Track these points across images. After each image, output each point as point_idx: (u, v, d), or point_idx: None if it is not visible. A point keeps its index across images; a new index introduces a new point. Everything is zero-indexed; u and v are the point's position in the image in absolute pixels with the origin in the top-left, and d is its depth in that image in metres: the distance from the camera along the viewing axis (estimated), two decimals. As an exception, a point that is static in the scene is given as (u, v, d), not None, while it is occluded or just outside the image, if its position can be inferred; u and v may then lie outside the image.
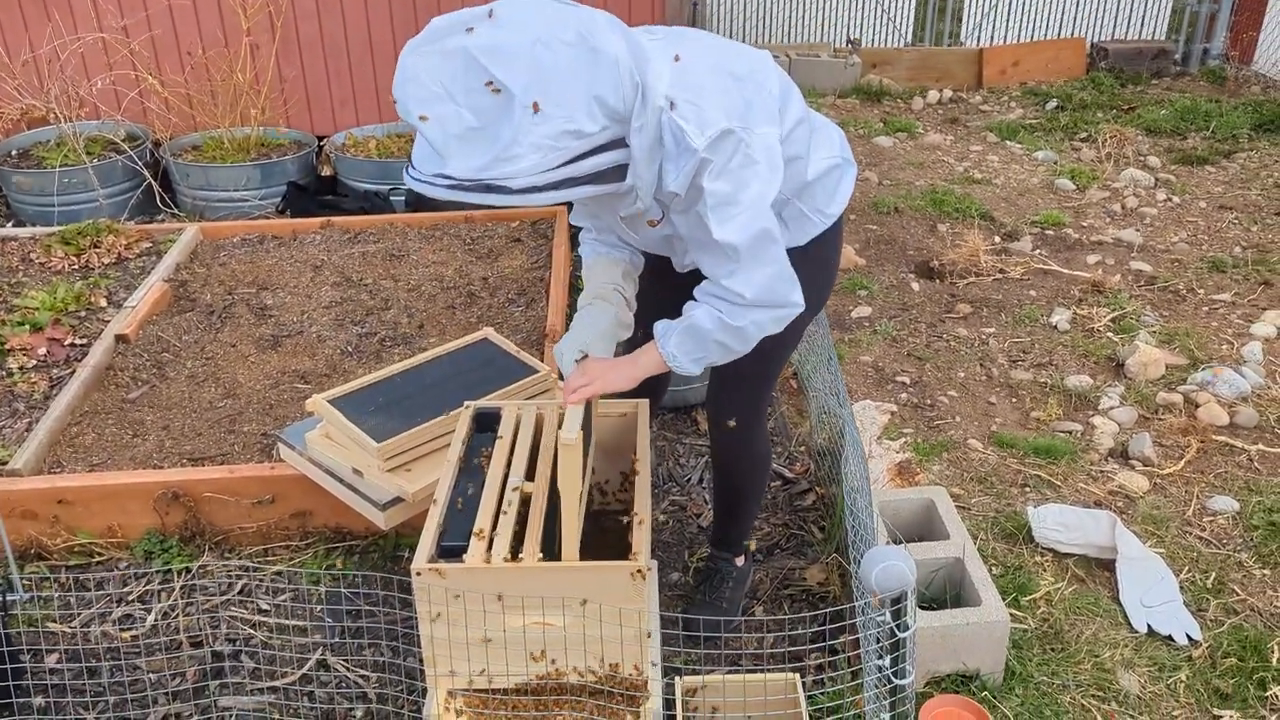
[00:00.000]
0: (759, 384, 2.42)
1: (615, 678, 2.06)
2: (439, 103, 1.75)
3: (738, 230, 1.91)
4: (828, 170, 2.18)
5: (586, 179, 1.82)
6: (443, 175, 1.78)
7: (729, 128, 1.86)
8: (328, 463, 2.70)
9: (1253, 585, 2.79)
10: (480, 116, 1.74)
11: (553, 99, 1.72)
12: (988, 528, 2.99)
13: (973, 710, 2.31)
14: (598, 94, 1.76)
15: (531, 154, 1.73)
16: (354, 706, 2.42)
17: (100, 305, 3.98)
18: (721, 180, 1.89)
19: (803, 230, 2.20)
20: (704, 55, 1.95)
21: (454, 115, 1.74)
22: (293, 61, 5.58)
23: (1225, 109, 6.68)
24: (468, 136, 1.75)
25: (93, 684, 2.46)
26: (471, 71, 1.73)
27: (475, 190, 1.77)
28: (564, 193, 1.81)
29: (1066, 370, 3.82)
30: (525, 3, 1.80)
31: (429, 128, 1.76)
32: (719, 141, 1.86)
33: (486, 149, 1.74)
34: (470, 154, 1.75)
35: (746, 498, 2.62)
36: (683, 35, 2.00)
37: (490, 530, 2.06)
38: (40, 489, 2.86)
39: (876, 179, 5.72)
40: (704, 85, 1.89)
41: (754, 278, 1.96)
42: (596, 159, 1.81)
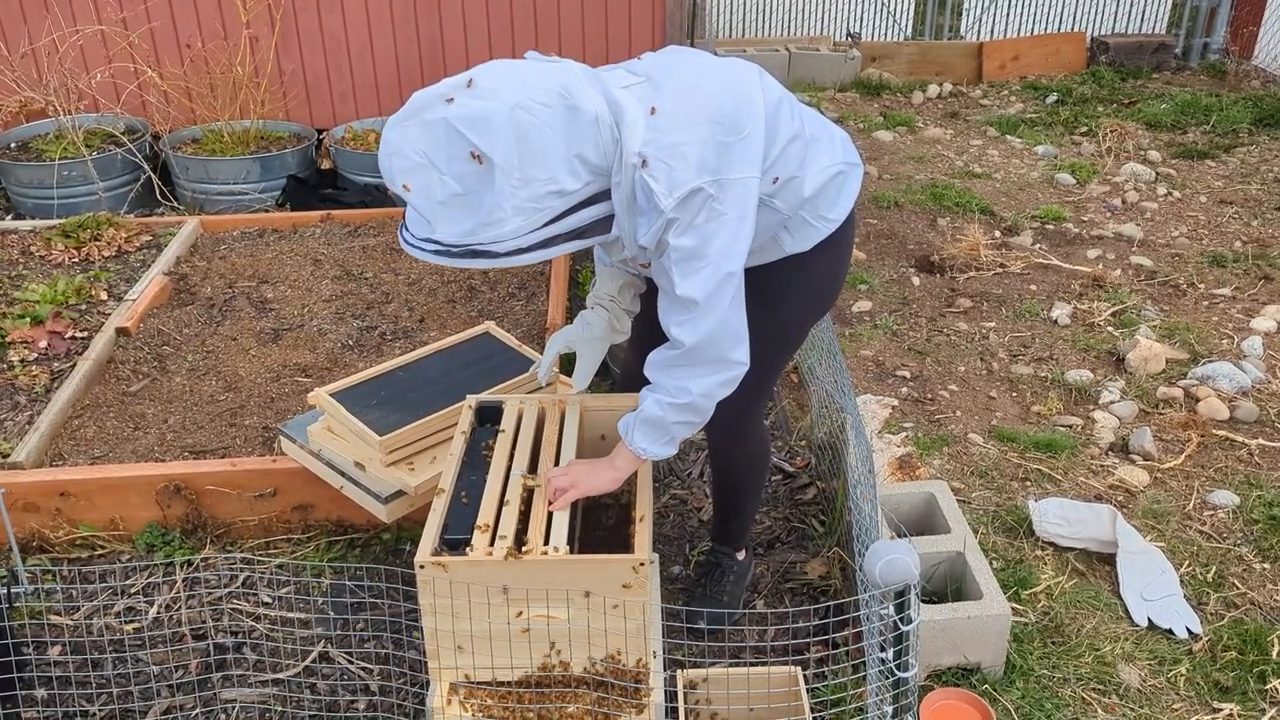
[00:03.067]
0: (755, 385, 2.40)
1: (618, 670, 2.07)
2: (422, 173, 1.80)
3: (700, 285, 1.93)
4: (830, 179, 2.16)
5: (571, 235, 1.88)
6: (431, 240, 1.84)
7: (697, 186, 1.87)
8: (329, 456, 2.70)
9: (1253, 579, 2.80)
10: (464, 183, 1.79)
11: (534, 162, 1.78)
12: (988, 522, 3.00)
13: (973, 703, 2.32)
14: (579, 152, 1.81)
15: (515, 217, 1.79)
16: (356, 699, 2.42)
17: (101, 298, 3.98)
18: (687, 236, 1.90)
19: (807, 237, 2.19)
20: (680, 103, 1.92)
21: (438, 184, 1.80)
22: (292, 54, 5.57)
23: (1225, 103, 6.69)
24: (452, 203, 1.80)
25: (95, 676, 2.47)
26: (454, 142, 1.78)
27: (462, 255, 1.83)
28: (551, 250, 1.86)
29: (1067, 365, 3.82)
30: (503, 68, 1.85)
31: (413, 197, 1.82)
32: (686, 200, 1.87)
33: (471, 215, 1.80)
34: (456, 220, 1.81)
35: (744, 495, 2.62)
36: (662, 74, 1.97)
37: (493, 523, 2.07)
38: (42, 481, 2.86)
39: (876, 173, 5.71)
40: (677, 141, 1.88)
41: (700, 327, 1.97)
42: (581, 214, 1.87)
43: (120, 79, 5.37)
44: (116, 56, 5.40)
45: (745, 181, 1.93)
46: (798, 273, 2.23)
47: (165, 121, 5.44)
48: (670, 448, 2.12)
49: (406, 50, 5.58)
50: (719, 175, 1.90)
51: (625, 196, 1.89)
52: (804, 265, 2.22)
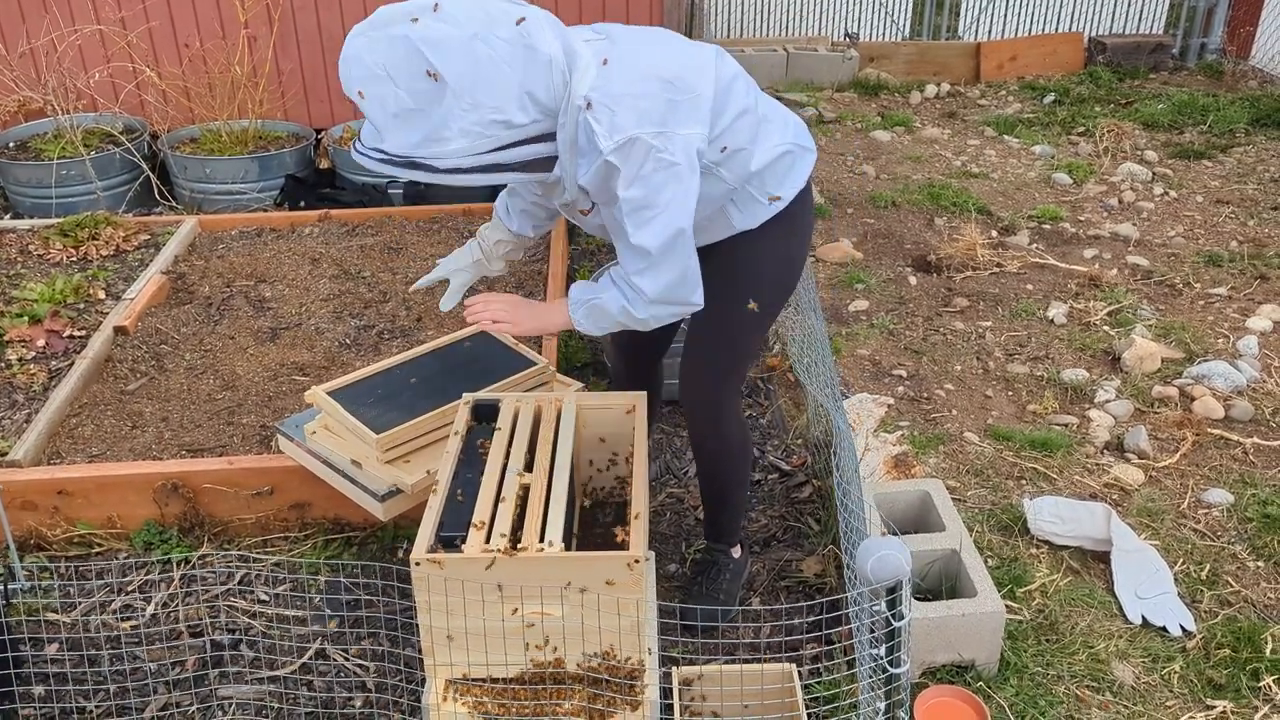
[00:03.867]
0: (726, 371, 2.45)
1: (613, 667, 2.08)
2: (379, 83, 1.90)
3: (652, 235, 2.04)
4: (778, 157, 2.25)
5: (512, 166, 1.98)
6: (378, 149, 1.95)
7: (636, 135, 1.97)
8: (326, 454, 2.71)
9: (1246, 577, 2.81)
10: (416, 100, 1.89)
11: (484, 90, 1.88)
12: (984, 520, 3.01)
13: (968, 700, 2.33)
14: (529, 89, 1.91)
15: (460, 139, 1.90)
16: (353, 696, 2.43)
17: (99, 297, 3.98)
18: (635, 187, 2.00)
19: (754, 214, 2.28)
20: (634, 59, 2.03)
21: (392, 96, 1.90)
22: (290, 54, 5.58)
23: (1222, 103, 6.70)
24: (404, 116, 1.90)
25: (93, 673, 2.48)
26: (412, 59, 1.87)
27: (403, 166, 1.94)
28: (490, 176, 1.98)
29: (1063, 364, 3.83)
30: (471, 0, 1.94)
31: (368, 104, 1.93)
32: (626, 148, 1.97)
33: (419, 130, 1.90)
34: (404, 132, 1.91)
35: (730, 487, 2.63)
36: (620, 37, 2.09)
37: (489, 521, 2.07)
38: (40, 480, 2.87)
39: (874, 173, 5.72)
40: (624, 91, 1.98)
41: (660, 279, 2.10)
42: (524, 149, 1.97)
43: (119, 78, 5.38)
44: (115, 56, 5.41)
45: (690, 137, 2.03)
46: (751, 252, 2.32)
47: (163, 121, 5.44)
48: (599, 331, 2.27)
49: (404, 50, 5.57)
50: (663, 128, 1.99)
51: (569, 137, 1.99)
52: (756, 244, 2.31)
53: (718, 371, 2.41)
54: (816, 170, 5.77)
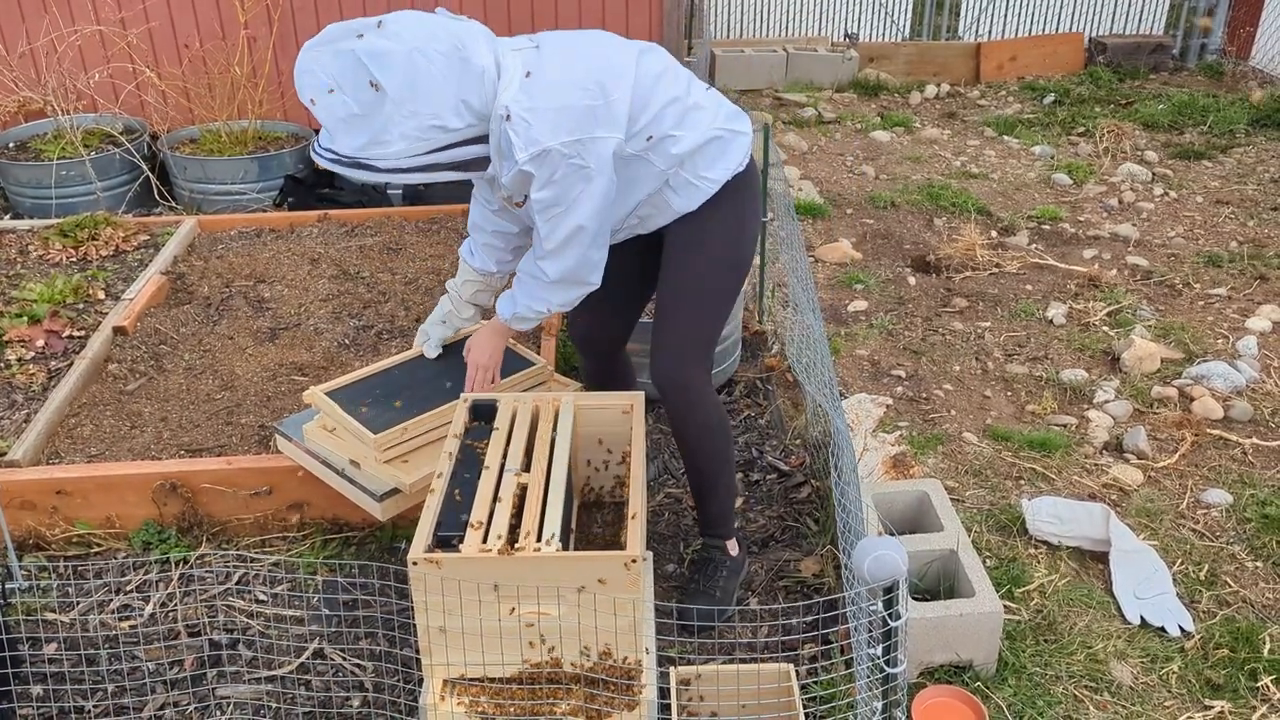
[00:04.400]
0: (691, 343, 2.52)
1: (610, 667, 2.08)
2: (328, 93, 2.11)
3: (558, 230, 2.28)
4: (707, 141, 2.41)
5: (448, 165, 2.19)
6: (330, 150, 2.17)
7: (549, 146, 2.16)
8: (325, 454, 2.71)
9: (1245, 577, 2.81)
10: (362, 107, 2.10)
11: (422, 99, 2.09)
12: (982, 520, 3.01)
13: (966, 701, 2.33)
14: (464, 97, 2.13)
15: (400, 141, 2.11)
16: (350, 695, 2.43)
17: (98, 297, 3.98)
18: (547, 189, 2.22)
19: (692, 197, 2.44)
20: (556, 70, 2.22)
21: (340, 104, 2.10)
22: (290, 54, 5.57)
23: (1222, 104, 6.70)
24: (351, 121, 2.11)
25: (91, 673, 2.48)
26: (357, 71, 2.07)
27: (349, 165, 2.16)
28: (428, 175, 2.19)
29: (1062, 364, 3.83)
30: (412, 17, 2.15)
31: (319, 111, 2.12)
32: (540, 158, 2.17)
33: (364, 134, 2.12)
34: (352, 135, 2.13)
35: (712, 470, 2.64)
36: (549, 46, 2.28)
37: (486, 521, 2.08)
38: (39, 480, 2.87)
39: (873, 173, 5.73)
40: (542, 105, 2.17)
41: (561, 264, 2.35)
42: (461, 150, 2.19)
43: (118, 79, 5.38)
44: (115, 56, 5.41)
45: (605, 141, 2.23)
46: (696, 233, 2.48)
47: (163, 121, 5.45)
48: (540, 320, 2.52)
49: (404, 50, 5.58)
50: (577, 136, 2.19)
51: (495, 142, 2.22)
52: (700, 225, 2.47)
53: (682, 349, 2.52)
54: (816, 170, 5.77)
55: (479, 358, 2.63)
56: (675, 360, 2.51)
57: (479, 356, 2.63)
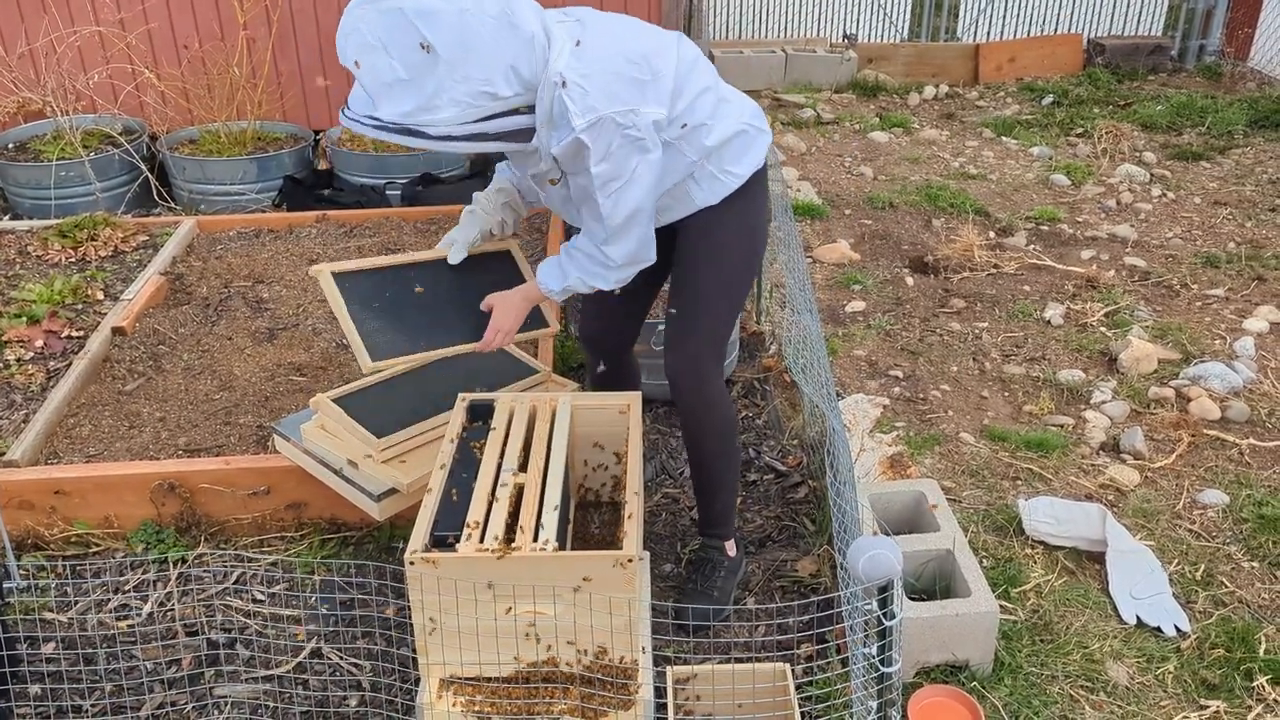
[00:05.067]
0: (707, 340, 2.52)
1: (606, 667, 2.08)
2: (374, 53, 2.00)
3: (619, 206, 2.21)
4: (735, 134, 2.38)
5: (495, 136, 2.10)
6: (371, 116, 2.06)
7: (606, 114, 2.10)
8: (323, 454, 2.72)
9: (1241, 577, 2.81)
10: (409, 70, 1.99)
11: (474, 63, 1.99)
12: (979, 520, 3.02)
13: (962, 700, 2.33)
14: (514, 64, 2.03)
15: (450, 107, 2.02)
16: (348, 695, 2.44)
17: (97, 298, 3.99)
18: (605, 163, 2.15)
19: (714, 190, 2.40)
20: (604, 41, 2.17)
21: (386, 66, 2.00)
22: (289, 55, 5.58)
23: (1221, 105, 6.71)
24: (396, 86, 2.01)
25: (89, 672, 2.48)
26: (405, 31, 1.97)
27: (397, 132, 2.05)
28: (476, 145, 2.09)
29: (1059, 365, 3.84)
30: None
31: (363, 74, 2.03)
32: (597, 126, 2.10)
33: (412, 99, 2.01)
34: (397, 101, 2.02)
35: (718, 466, 2.64)
36: (590, 20, 2.22)
37: (483, 520, 2.08)
38: (37, 479, 2.87)
39: (872, 174, 5.73)
40: (595, 71, 2.11)
41: (625, 246, 2.28)
42: (507, 120, 2.10)
43: (118, 80, 5.39)
44: (114, 57, 5.42)
45: (654, 114, 2.18)
46: (715, 227, 2.45)
47: (162, 122, 5.45)
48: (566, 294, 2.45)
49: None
50: (630, 106, 2.14)
51: (545, 111, 2.12)
52: (718, 219, 2.44)
53: (700, 346, 2.50)
54: (814, 170, 5.78)
55: (503, 321, 2.51)
56: (693, 358, 2.50)
57: (503, 320, 2.51)
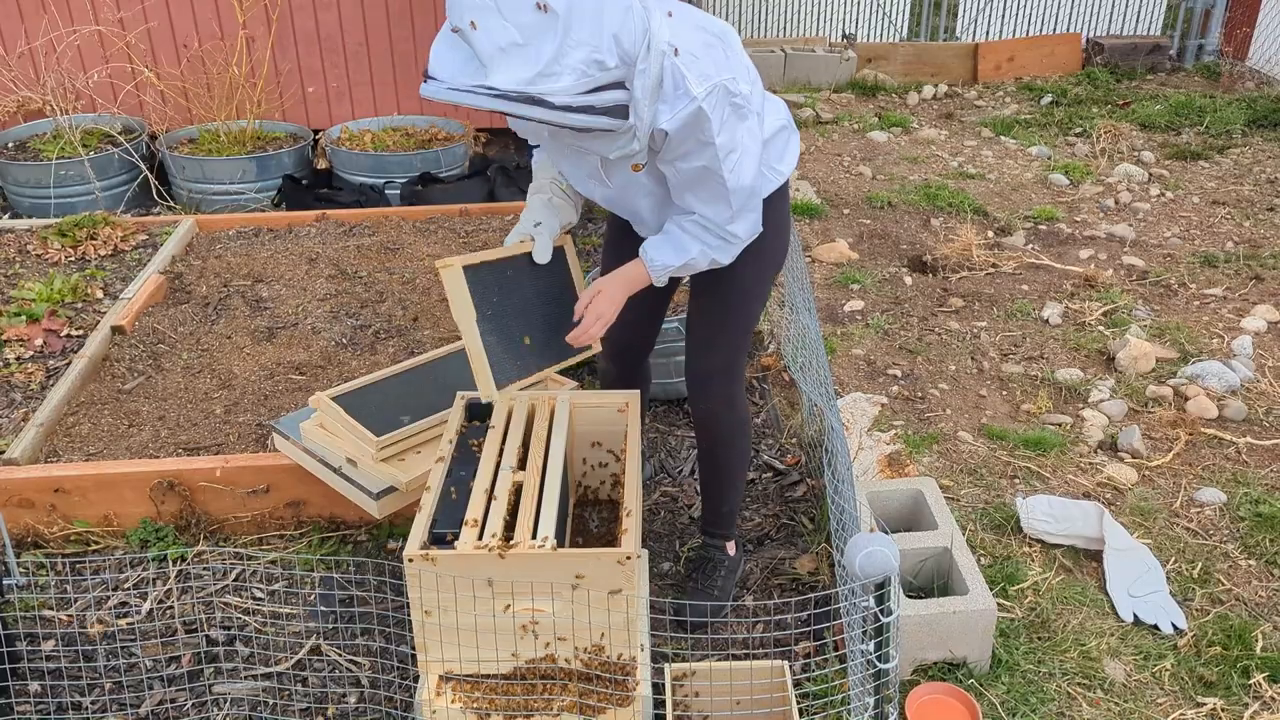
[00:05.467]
0: (740, 343, 2.51)
1: (605, 664, 2.09)
2: (488, 14, 1.83)
3: (745, 174, 2.13)
4: (778, 130, 2.34)
5: (601, 110, 1.92)
6: (485, 86, 1.86)
7: (719, 81, 2.02)
8: (322, 452, 2.72)
9: (1238, 575, 2.82)
10: (524, 33, 1.82)
11: (587, 29, 1.84)
12: (976, 518, 3.02)
13: (959, 698, 2.34)
14: (616, 33, 1.86)
15: (568, 74, 1.85)
16: (347, 692, 2.44)
17: (96, 297, 3.99)
18: (724, 133, 2.06)
19: (763, 186, 2.33)
20: (689, 13, 2.09)
21: (500, 28, 1.82)
22: (288, 55, 5.59)
23: (1219, 104, 6.71)
24: (510, 51, 1.83)
25: (89, 669, 2.49)
26: None
27: (520, 101, 1.85)
28: (586, 118, 1.90)
29: (1057, 363, 3.84)
30: None
31: (478, 37, 1.84)
32: (714, 94, 2.01)
33: (530, 64, 1.84)
34: (512, 67, 1.84)
35: (732, 468, 2.65)
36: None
37: (481, 518, 2.09)
38: (37, 478, 2.88)
39: (870, 173, 5.74)
40: (695, 41, 2.03)
41: (749, 219, 2.22)
42: (608, 94, 1.92)
43: (117, 79, 5.39)
44: (113, 56, 5.42)
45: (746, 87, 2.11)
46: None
47: (162, 121, 5.46)
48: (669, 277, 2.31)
49: (402, 49, 5.60)
50: (730, 74, 2.06)
51: (652, 82, 1.96)
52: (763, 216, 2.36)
53: (729, 350, 2.47)
54: (813, 170, 5.79)
55: (604, 308, 2.29)
56: (723, 360, 2.48)
57: (605, 306, 2.29)
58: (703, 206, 2.19)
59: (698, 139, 2.05)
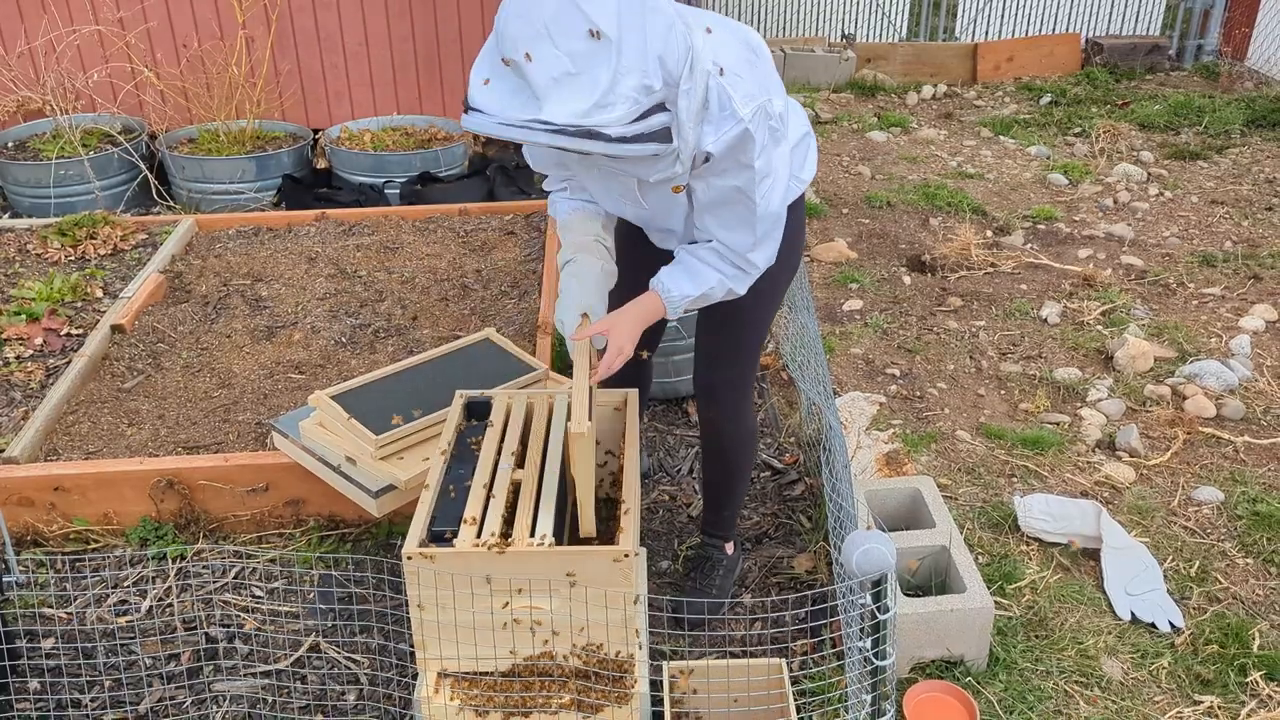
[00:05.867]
0: (752, 354, 2.48)
1: (603, 661, 2.09)
2: (541, 43, 1.72)
3: (774, 200, 2.08)
4: (801, 138, 2.30)
5: (650, 136, 1.80)
6: (539, 121, 1.74)
7: (762, 102, 1.97)
8: (321, 451, 2.73)
9: (1236, 574, 2.83)
10: (576, 62, 1.72)
11: (635, 52, 1.73)
12: (974, 517, 3.03)
13: (957, 696, 2.35)
14: (661, 54, 1.76)
15: (622, 104, 1.74)
16: (346, 690, 2.45)
17: (96, 296, 4.00)
18: (763, 157, 2.00)
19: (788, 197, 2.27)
20: (725, 28, 2.02)
21: (553, 58, 1.72)
22: (288, 55, 5.60)
23: (1218, 104, 6.71)
24: (564, 82, 1.72)
25: (88, 666, 2.49)
26: (570, 15, 1.70)
27: (578, 136, 1.74)
28: (639, 146, 1.79)
29: (1055, 363, 3.85)
30: None
31: (535, 68, 1.73)
32: (758, 116, 1.95)
33: (585, 95, 1.72)
34: (567, 99, 1.72)
35: (735, 475, 2.65)
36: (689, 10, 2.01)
37: (480, 516, 2.09)
38: (37, 476, 2.88)
39: (870, 173, 5.74)
40: (736, 59, 1.96)
41: (770, 248, 2.16)
42: (655, 118, 1.80)
43: (117, 79, 5.40)
44: (113, 56, 5.43)
45: (780, 108, 2.05)
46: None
47: (162, 121, 5.46)
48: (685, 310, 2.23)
49: (402, 49, 5.60)
50: (770, 95, 2.01)
51: (697, 103, 1.85)
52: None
53: (742, 352, 2.44)
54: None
55: (623, 341, 2.17)
56: (733, 373, 2.44)
57: (622, 339, 2.17)
58: (724, 232, 2.11)
59: (738, 160, 1.98)
